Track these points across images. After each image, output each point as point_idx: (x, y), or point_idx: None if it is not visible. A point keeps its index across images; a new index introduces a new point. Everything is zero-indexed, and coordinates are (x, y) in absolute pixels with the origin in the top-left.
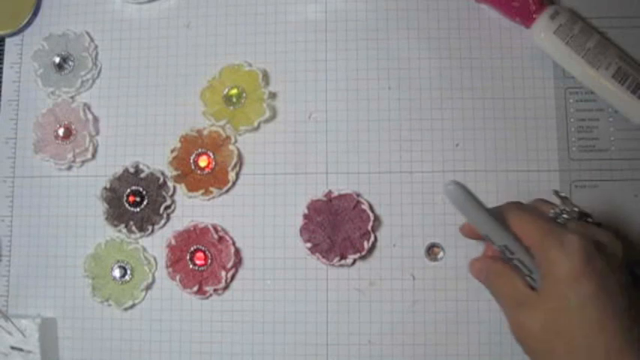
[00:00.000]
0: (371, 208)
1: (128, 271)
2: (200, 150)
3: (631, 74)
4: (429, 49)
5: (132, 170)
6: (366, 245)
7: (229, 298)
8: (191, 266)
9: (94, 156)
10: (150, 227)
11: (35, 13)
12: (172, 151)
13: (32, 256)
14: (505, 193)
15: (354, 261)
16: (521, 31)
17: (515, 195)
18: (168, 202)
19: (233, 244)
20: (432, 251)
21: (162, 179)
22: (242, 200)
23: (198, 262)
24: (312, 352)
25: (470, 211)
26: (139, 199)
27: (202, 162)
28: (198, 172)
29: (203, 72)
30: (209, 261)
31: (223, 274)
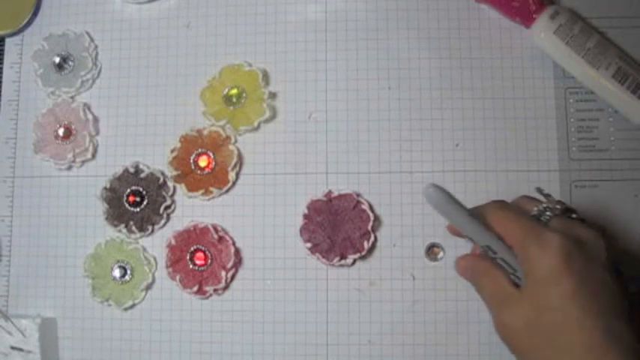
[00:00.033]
0: (371, 208)
1: (128, 271)
2: (200, 150)
3: (631, 74)
4: (429, 49)
5: (132, 170)
6: (366, 245)
7: (229, 298)
8: (191, 266)
9: (94, 156)
10: (150, 227)
11: (35, 13)
12: (172, 151)
13: (32, 256)
14: (505, 193)
15: (354, 261)
16: (521, 31)
17: (515, 195)
18: (168, 202)
19: (233, 244)
20: (432, 251)
21: (162, 179)
22: (242, 200)
23: (198, 262)
24: (312, 352)
25: (450, 213)
26: (139, 199)
27: (202, 162)
28: (198, 172)
29: (203, 72)
30: (209, 261)
31: (223, 274)
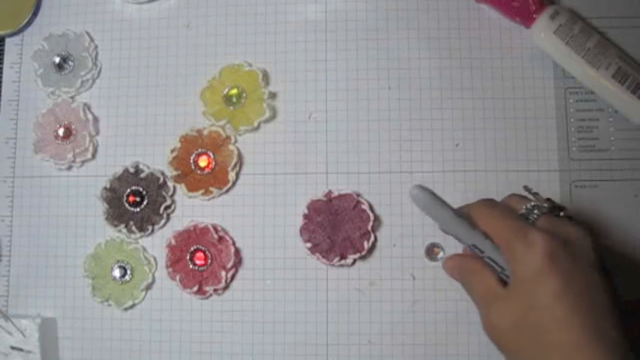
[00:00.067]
0: (371, 208)
1: (128, 271)
2: (200, 150)
3: (631, 74)
4: (429, 49)
5: (132, 170)
6: (366, 245)
7: (229, 298)
8: (191, 266)
9: (94, 156)
10: (150, 227)
11: (35, 13)
12: (172, 151)
13: (32, 256)
14: (505, 193)
15: (354, 261)
16: (521, 31)
17: None
18: (168, 202)
19: (233, 244)
20: (432, 251)
21: (162, 179)
22: (242, 200)
23: (198, 262)
24: (312, 352)
25: (436, 213)
26: (139, 199)
27: (202, 162)
28: (198, 172)
29: (203, 72)
30: (209, 261)
31: (223, 274)
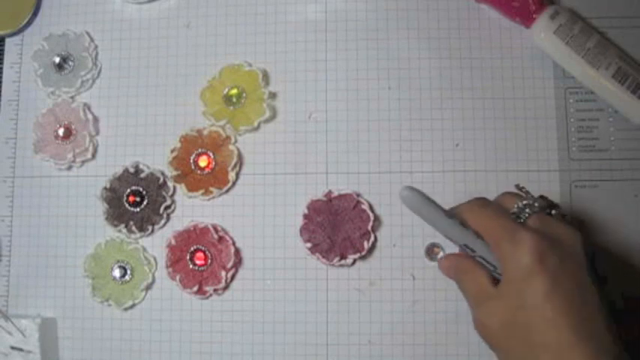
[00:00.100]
0: (371, 208)
1: (128, 271)
2: (200, 150)
3: (631, 74)
4: (429, 49)
5: (132, 170)
6: (366, 245)
7: (229, 298)
8: (191, 266)
9: (94, 156)
10: (150, 227)
11: (35, 13)
12: (172, 151)
13: (32, 256)
14: None
15: (354, 261)
16: (521, 31)
17: None
18: (168, 202)
19: (233, 244)
20: (432, 251)
21: (162, 179)
22: (242, 200)
23: (198, 262)
24: (312, 352)
25: (426, 214)
26: (139, 199)
27: (202, 162)
28: (198, 172)
29: (203, 72)
30: (209, 261)
31: (223, 274)
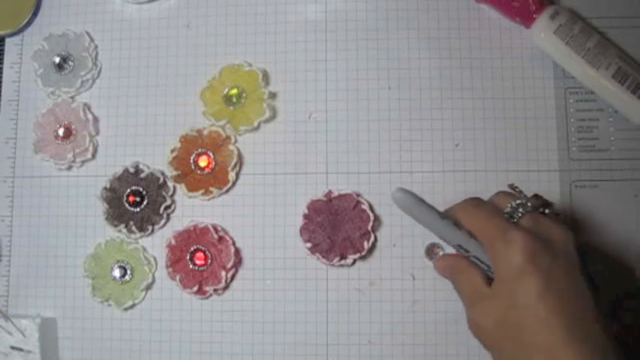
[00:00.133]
0: (371, 208)
1: (128, 271)
2: (200, 150)
3: (631, 74)
4: (429, 49)
5: (132, 170)
6: (366, 245)
7: (229, 298)
8: (191, 266)
9: (94, 156)
10: (150, 227)
11: (35, 13)
12: (172, 151)
13: (32, 256)
14: None
15: (354, 261)
16: (521, 31)
17: None
18: (168, 202)
19: (233, 244)
20: (431, 251)
21: (162, 179)
22: (242, 200)
23: (198, 262)
24: (312, 352)
25: (418, 215)
26: (139, 199)
27: (202, 162)
28: (198, 172)
29: (203, 72)
30: (209, 261)
31: (223, 274)
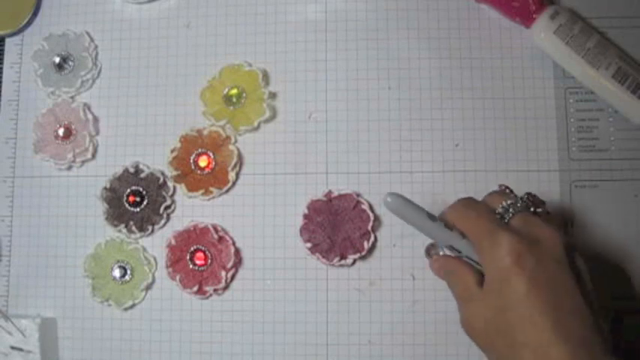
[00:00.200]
0: (371, 208)
1: (128, 271)
2: (200, 150)
3: (631, 74)
4: (429, 49)
5: (132, 170)
6: (366, 245)
7: (229, 298)
8: (191, 266)
9: (94, 156)
10: (150, 227)
11: (35, 13)
12: (172, 151)
13: (32, 256)
14: None
15: (354, 261)
16: (521, 31)
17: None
18: (168, 202)
19: (233, 244)
20: (431, 251)
21: (162, 179)
22: (242, 200)
23: (198, 262)
24: (312, 352)
25: (410, 218)
26: (139, 199)
27: (202, 162)
28: (198, 172)
29: (203, 72)
30: (209, 261)
31: (223, 274)
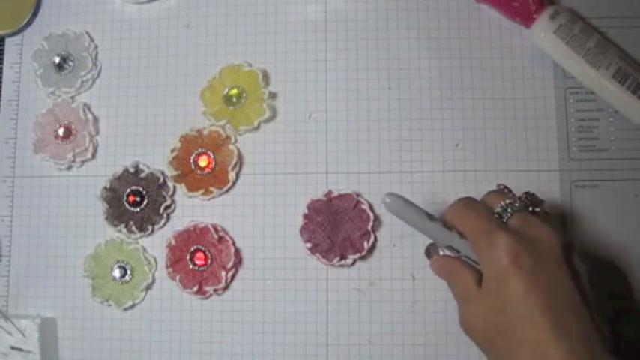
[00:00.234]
0: (371, 208)
1: (128, 271)
2: (200, 150)
3: (631, 74)
4: (429, 49)
5: (132, 170)
6: (366, 245)
7: (229, 298)
8: (191, 266)
9: (94, 156)
10: (150, 227)
11: (35, 13)
12: (172, 151)
13: (32, 256)
14: None
15: (354, 261)
16: (521, 31)
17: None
18: (168, 202)
19: (233, 244)
20: (431, 251)
21: (162, 179)
22: (242, 200)
23: (198, 262)
24: (312, 352)
25: (409, 218)
26: (139, 199)
27: (202, 162)
28: (198, 172)
29: (203, 72)
30: (209, 261)
31: (223, 274)
